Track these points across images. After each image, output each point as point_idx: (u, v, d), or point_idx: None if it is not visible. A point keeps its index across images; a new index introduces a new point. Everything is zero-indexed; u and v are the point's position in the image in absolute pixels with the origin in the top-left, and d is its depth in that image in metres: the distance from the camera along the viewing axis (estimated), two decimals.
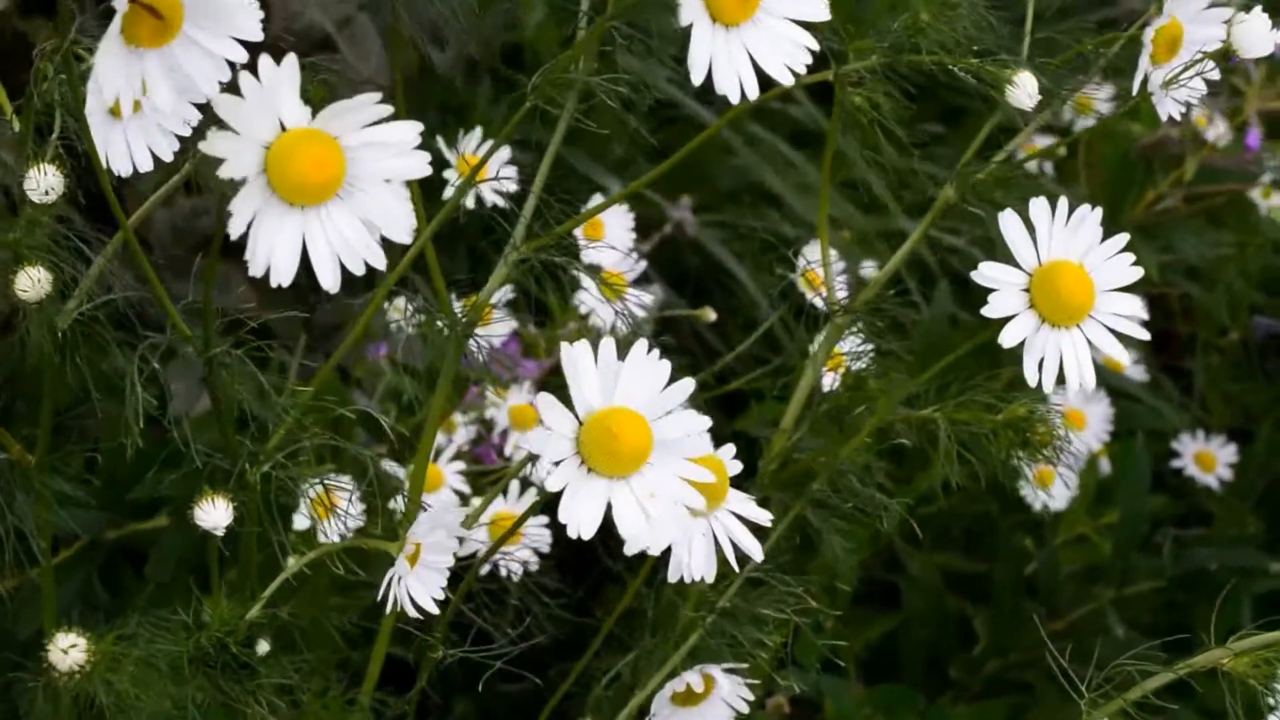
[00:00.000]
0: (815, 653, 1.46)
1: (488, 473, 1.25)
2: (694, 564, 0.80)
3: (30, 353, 0.86)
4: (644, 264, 1.30)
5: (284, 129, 0.68)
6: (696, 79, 0.78)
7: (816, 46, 0.79)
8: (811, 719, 1.45)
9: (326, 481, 0.89)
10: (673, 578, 0.80)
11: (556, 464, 0.72)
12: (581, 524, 0.71)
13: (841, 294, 1.01)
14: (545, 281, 0.95)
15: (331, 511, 0.90)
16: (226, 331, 1.45)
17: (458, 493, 1.17)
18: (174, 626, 0.84)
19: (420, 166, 0.69)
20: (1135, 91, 0.88)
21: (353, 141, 0.68)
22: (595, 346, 0.73)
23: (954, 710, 1.44)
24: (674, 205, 1.67)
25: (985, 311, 0.81)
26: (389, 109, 0.68)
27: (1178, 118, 0.88)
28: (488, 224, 1.01)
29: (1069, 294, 0.81)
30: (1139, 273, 0.84)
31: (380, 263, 0.69)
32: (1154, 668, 0.87)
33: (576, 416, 0.72)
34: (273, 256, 0.67)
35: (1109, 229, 0.84)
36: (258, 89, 0.67)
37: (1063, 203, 0.83)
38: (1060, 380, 0.82)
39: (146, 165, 0.79)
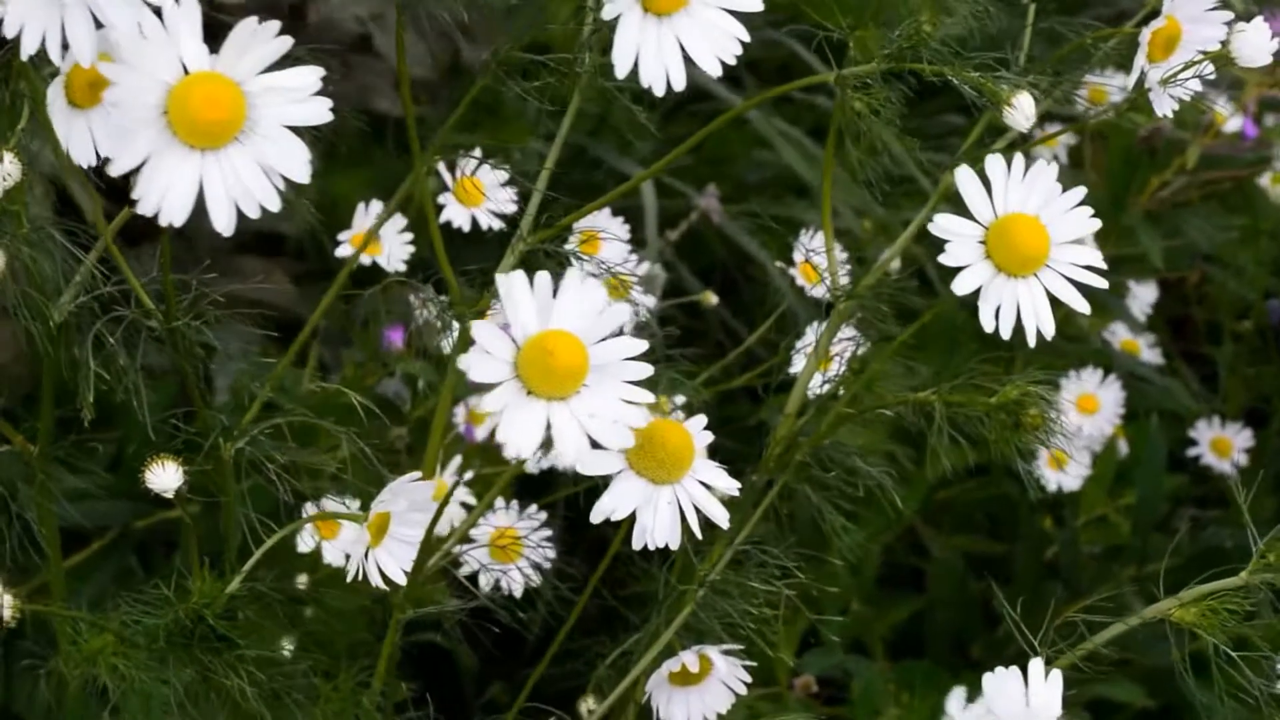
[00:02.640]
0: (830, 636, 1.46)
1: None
2: (657, 531, 0.79)
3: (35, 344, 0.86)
4: (644, 264, 1.28)
5: (187, 72, 0.67)
6: (621, 72, 0.77)
7: (748, 37, 0.77)
8: (838, 697, 1.45)
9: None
10: (637, 545, 0.79)
11: (494, 386, 0.71)
12: (520, 444, 0.70)
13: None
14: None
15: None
16: (268, 327, 1.45)
17: (464, 505, 1.14)
18: (154, 600, 0.84)
19: (320, 113, 0.68)
20: (1131, 88, 0.88)
21: (255, 87, 0.68)
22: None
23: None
24: (700, 194, 1.66)
25: (940, 259, 0.81)
26: (287, 42, 0.67)
27: (1171, 115, 0.89)
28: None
29: (1023, 244, 0.81)
30: (1096, 224, 0.84)
31: (275, 206, 0.68)
32: (1107, 620, 0.86)
33: (514, 341, 0.71)
34: (166, 198, 0.66)
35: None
36: (159, 29, 0.66)
37: (1018, 158, 0.82)
38: (1019, 330, 0.81)
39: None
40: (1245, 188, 1.81)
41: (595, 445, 0.72)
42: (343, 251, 1.24)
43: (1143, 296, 1.81)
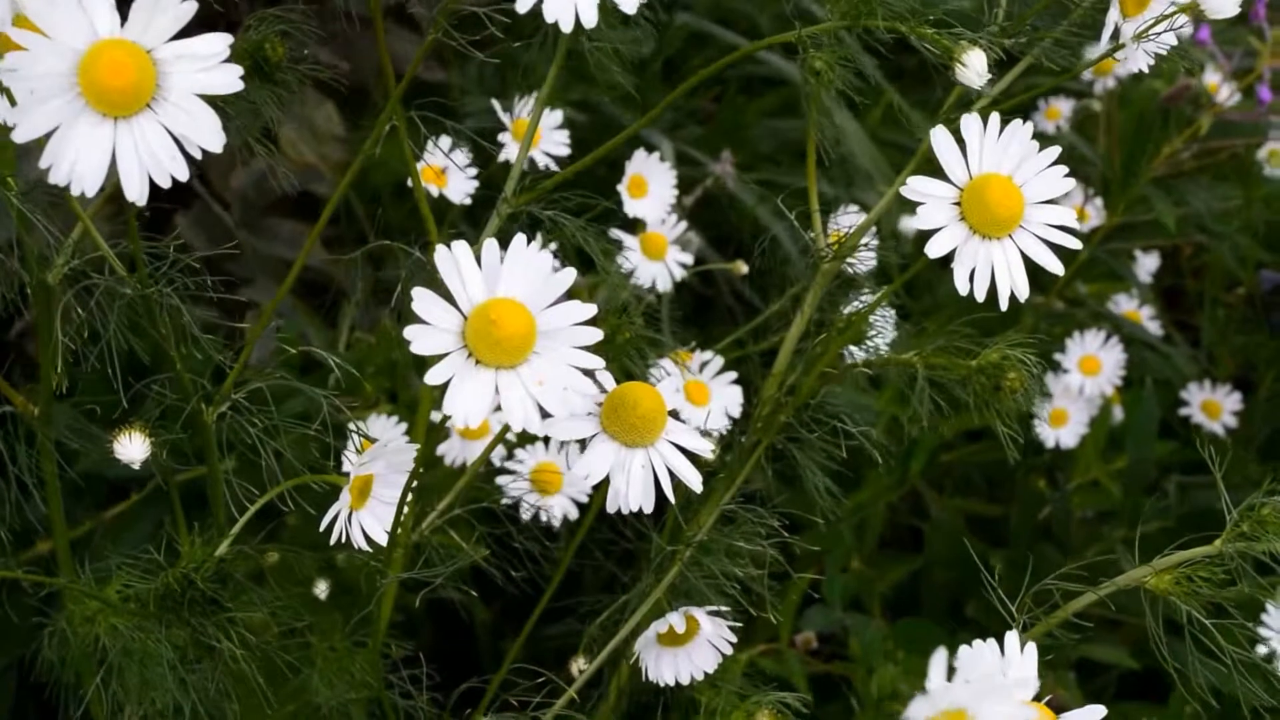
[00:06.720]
0: (842, 592, 1.47)
1: None
2: (630, 494, 0.77)
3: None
4: (683, 224, 1.29)
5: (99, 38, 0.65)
6: (522, 8, 0.78)
7: None
8: (838, 654, 1.47)
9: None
10: (611, 509, 0.77)
11: (440, 358, 0.69)
12: (467, 414, 0.68)
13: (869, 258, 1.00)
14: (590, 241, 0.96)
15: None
16: (299, 288, 1.46)
17: (505, 443, 1.14)
18: (145, 563, 0.84)
19: (230, 82, 0.66)
20: (1104, 43, 0.86)
21: (165, 54, 0.66)
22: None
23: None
24: (715, 161, 1.67)
25: (914, 223, 0.79)
26: (192, 7, 0.65)
27: (1147, 70, 0.87)
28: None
29: (997, 205, 0.79)
30: (1070, 184, 0.81)
31: (184, 176, 0.66)
32: (1079, 588, 0.85)
33: (460, 310, 0.69)
34: (77, 166, 0.65)
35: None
36: None
37: (993, 118, 0.79)
38: (993, 290, 0.78)
39: None
40: (1242, 159, 1.82)
41: (546, 413, 0.69)
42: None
43: (1146, 265, 1.83)
